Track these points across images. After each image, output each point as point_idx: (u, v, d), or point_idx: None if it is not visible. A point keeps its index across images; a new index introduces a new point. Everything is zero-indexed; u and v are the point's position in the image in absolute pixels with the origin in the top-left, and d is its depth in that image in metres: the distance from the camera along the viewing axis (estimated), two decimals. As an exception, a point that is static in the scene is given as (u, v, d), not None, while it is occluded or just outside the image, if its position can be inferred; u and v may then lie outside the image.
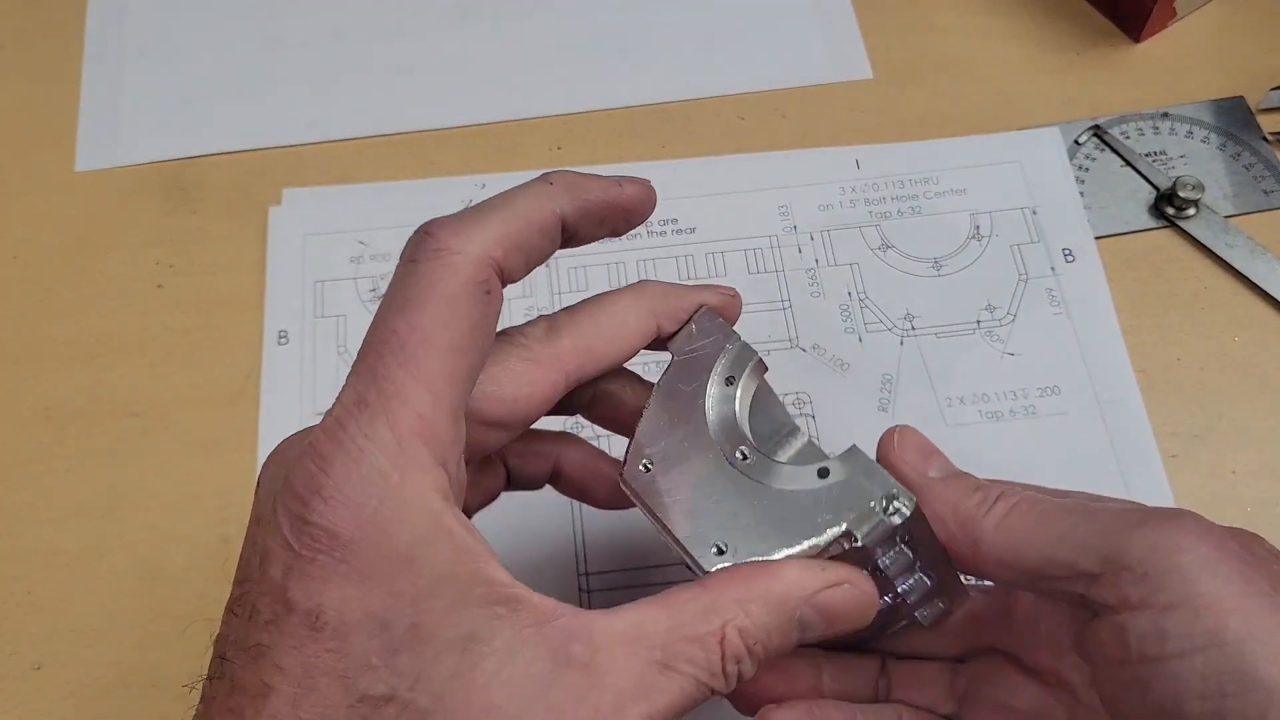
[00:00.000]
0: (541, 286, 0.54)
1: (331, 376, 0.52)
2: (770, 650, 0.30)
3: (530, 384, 0.32)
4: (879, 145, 0.58)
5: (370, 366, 0.28)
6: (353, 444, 0.27)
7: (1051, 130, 0.59)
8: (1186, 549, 0.30)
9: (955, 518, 0.33)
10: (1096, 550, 0.31)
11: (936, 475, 0.34)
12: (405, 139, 0.59)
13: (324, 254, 0.55)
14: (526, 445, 0.37)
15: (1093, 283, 0.54)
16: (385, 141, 0.59)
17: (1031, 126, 0.59)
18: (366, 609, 0.26)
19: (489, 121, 0.59)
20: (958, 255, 0.55)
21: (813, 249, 0.55)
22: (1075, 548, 0.31)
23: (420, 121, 0.59)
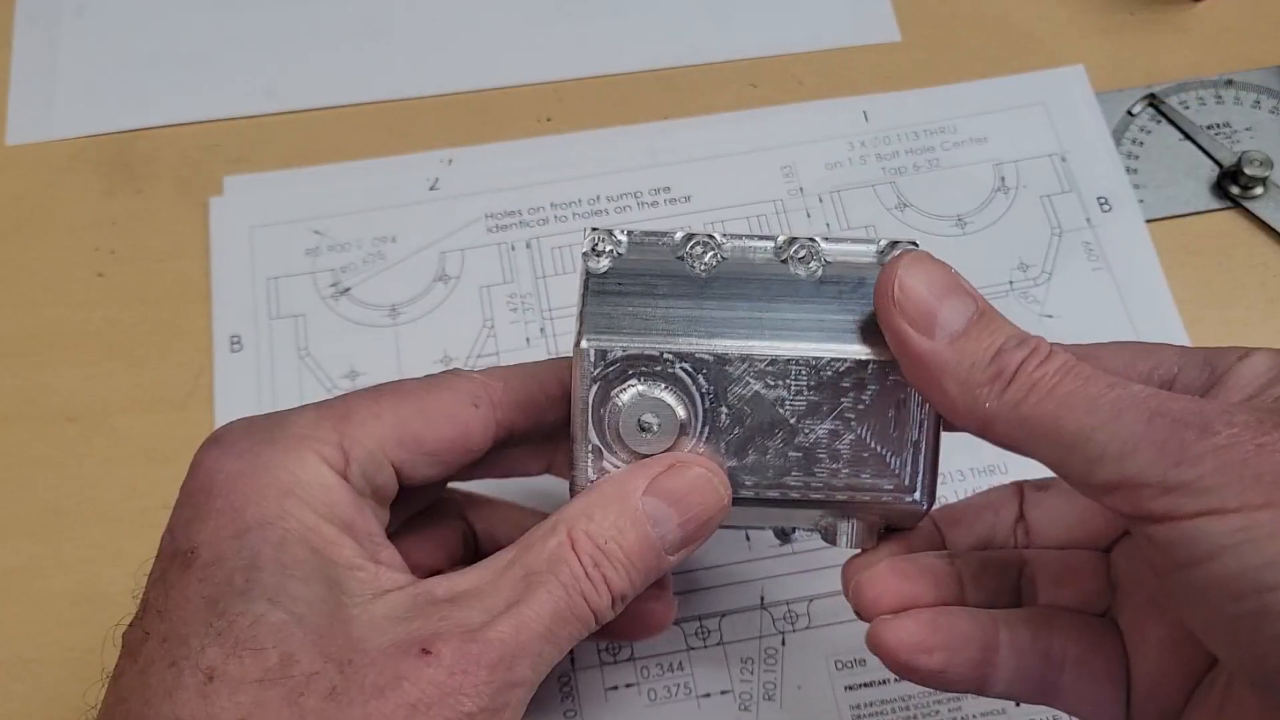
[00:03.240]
0: (524, 269, 0.53)
1: (293, 383, 0.51)
2: (630, 548, 0.33)
3: (467, 421, 0.36)
4: (888, 94, 0.58)
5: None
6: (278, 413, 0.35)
7: (1076, 68, 0.58)
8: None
9: (961, 398, 0.31)
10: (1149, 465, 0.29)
11: (943, 339, 0.32)
12: (375, 110, 0.58)
13: (274, 248, 0.54)
14: (493, 512, 0.42)
15: (1133, 233, 0.54)
16: (353, 113, 0.58)
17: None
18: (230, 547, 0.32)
19: (469, 90, 0.58)
20: (983, 211, 0.55)
21: (822, 212, 0.55)
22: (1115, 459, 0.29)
23: (391, 90, 0.58)
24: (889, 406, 0.35)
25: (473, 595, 0.32)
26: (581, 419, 0.34)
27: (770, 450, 0.35)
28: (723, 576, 0.47)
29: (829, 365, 0.34)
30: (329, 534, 0.33)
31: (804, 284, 0.35)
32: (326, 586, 0.32)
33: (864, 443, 0.35)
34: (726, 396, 0.34)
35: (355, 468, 0.34)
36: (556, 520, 0.34)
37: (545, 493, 0.45)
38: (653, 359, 0.34)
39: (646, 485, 0.34)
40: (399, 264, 0.54)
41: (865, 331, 0.34)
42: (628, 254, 0.35)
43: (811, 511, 0.36)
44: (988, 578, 0.37)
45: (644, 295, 0.35)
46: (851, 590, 0.36)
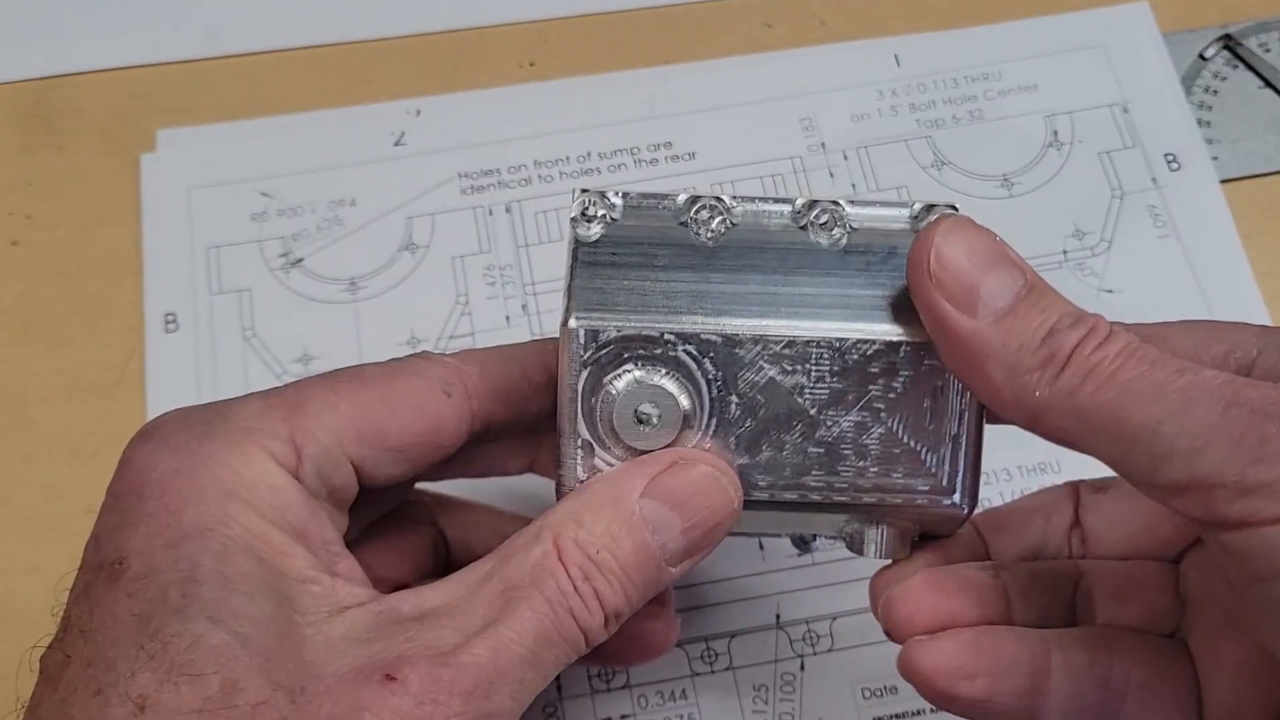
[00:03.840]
0: (503, 237, 0.53)
1: (237, 368, 0.51)
2: (626, 558, 0.33)
3: (437, 412, 0.36)
4: (923, 35, 0.58)
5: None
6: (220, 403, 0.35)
7: (1140, 5, 0.58)
8: None
9: (1008, 385, 0.31)
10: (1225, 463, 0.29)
11: (987, 317, 0.31)
12: (331, 53, 0.58)
13: (216, 212, 0.54)
14: (468, 517, 0.42)
15: (1206, 195, 0.54)
16: (305, 57, 0.58)
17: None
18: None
19: (440, 30, 0.58)
20: (1032, 170, 0.55)
21: (847, 171, 0.55)
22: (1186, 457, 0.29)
23: (350, 30, 0.58)
24: (924, 395, 0.34)
25: (444, 613, 0.32)
26: (570, 409, 0.34)
27: (787, 445, 0.35)
28: (732, 591, 0.47)
29: (855, 348, 0.34)
30: (278, 542, 0.33)
31: (826, 254, 0.35)
32: (275, 603, 0.32)
33: (895, 437, 0.35)
34: (737, 384, 0.34)
35: (308, 465, 0.34)
36: (541, 526, 0.33)
37: (528, 495, 0.45)
38: (652, 340, 0.34)
39: (644, 486, 0.34)
40: (359, 231, 0.54)
41: (897, 309, 0.34)
42: (623, 219, 0.35)
43: (835, 516, 0.36)
44: (1038, 592, 0.37)
45: (641, 267, 0.35)
46: (881, 607, 0.36)
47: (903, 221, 0.35)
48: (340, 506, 0.36)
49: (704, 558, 0.35)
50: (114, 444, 0.35)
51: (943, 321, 0.32)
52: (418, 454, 0.36)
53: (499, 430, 0.38)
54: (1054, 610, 0.37)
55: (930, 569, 0.36)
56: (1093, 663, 0.35)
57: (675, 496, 0.34)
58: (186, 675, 0.30)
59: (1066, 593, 0.37)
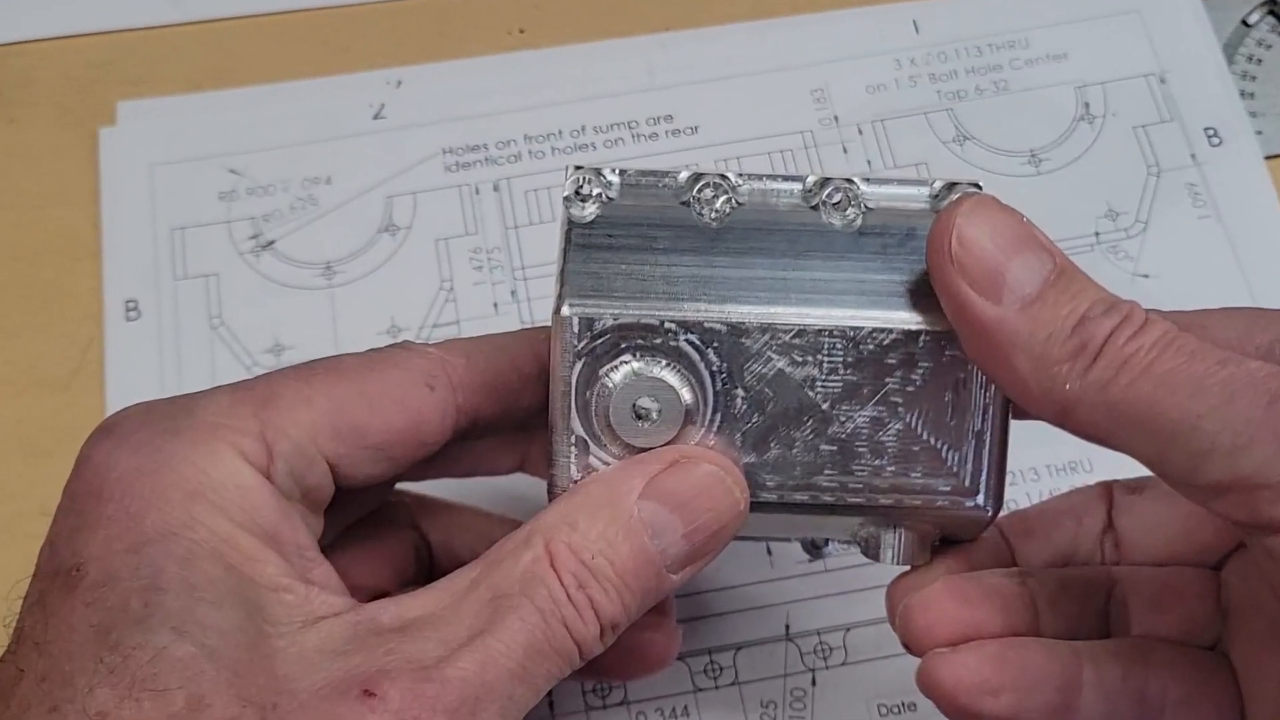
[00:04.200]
0: (491, 218, 0.53)
1: (204, 359, 0.51)
2: (623, 564, 0.33)
3: (419, 406, 0.36)
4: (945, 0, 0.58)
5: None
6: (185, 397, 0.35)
7: (1180, -32, 0.58)
8: None
9: (1035, 378, 0.31)
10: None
11: (1013, 304, 0.31)
12: (306, 19, 0.58)
13: (181, 190, 0.54)
14: (452, 519, 0.42)
15: (1249, 172, 0.54)
16: (277, 23, 0.58)
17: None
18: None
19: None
20: (1062, 145, 0.55)
21: (862, 147, 0.55)
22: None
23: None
24: (945, 388, 0.34)
25: (427, 623, 0.32)
26: (563, 404, 0.34)
27: (797, 443, 0.35)
28: (738, 600, 0.47)
29: (870, 337, 0.34)
30: (248, 547, 0.33)
31: (839, 236, 0.35)
32: (245, 612, 0.32)
33: (914, 433, 0.35)
34: (743, 376, 0.34)
35: (280, 464, 0.34)
36: (531, 530, 0.33)
37: (517, 496, 0.45)
38: (651, 329, 0.34)
39: (643, 486, 0.33)
40: (335, 211, 0.54)
41: (916, 295, 0.34)
42: (620, 198, 0.35)
43: (849, 519, 0.36)
44: (1068, 601, 0.37)
45: (640, 250, 0.34)
46: (899, 617, 0.36)
47: (922, 201, 0.35)
48: (315, 508, 0.36)
49: (707, 564, 0.35)
50: (70, 441, 0.34)
51: (965, 309, 0.32)
52: (398, 452, 0.36)
53: (486, 426, 0.38)
54: (1085, 620, 0.37)
55: (952, 576, 0.36)
56: (1127, 677, 0.35)
57: (676, 498, 0.34)
58: (149, 691, 0.30)
59: (1099, 602, 0.37)
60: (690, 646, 0.46)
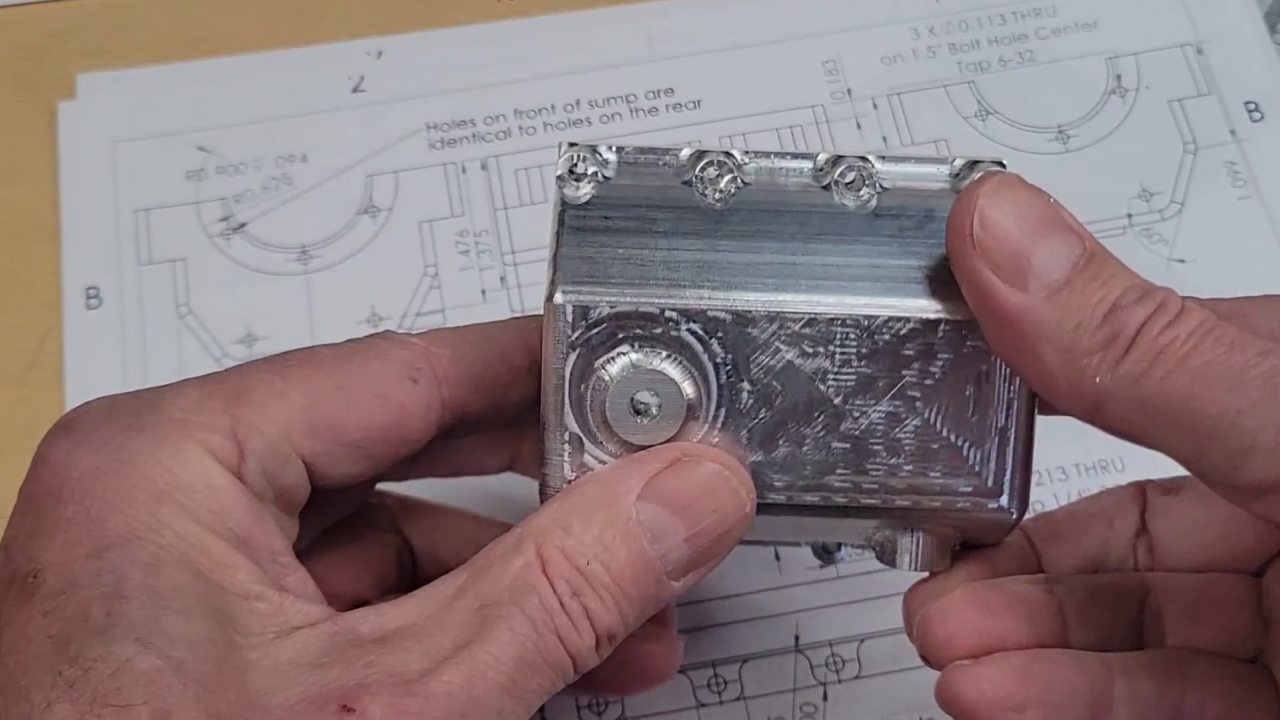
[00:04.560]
0: (478, 198, 0.53)
1: (170, 350, 0.51)
2: (621, 570, 0.33)
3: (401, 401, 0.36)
4: None
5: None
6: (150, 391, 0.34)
7: (1219, -70, 0.58)
8: None
9: (1063, 370, 0.31)
10: None
11: (1039, 291, 0.31)
12: (274, -13, 0.58)
13: (146, 169, 0.54)
14: (437, 523, 0.42)
15: (1294, 150, 0.54)
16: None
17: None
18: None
19: None
20: (1092, 120, 0.55)
21: (877, 122, 0.55)
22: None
23: None
24: (966, 382, 0.34)
25: (410, 633, 0.32)
26: (556, 398, 0.34)
27: (808, 440, 0.35)
28: (744, 609, 0.47)
29: (886, 326, 0.34)
30: (218, 552, 0.33)
31: (853, 218, 0.35)
32: (214, 622, 0.32)
33: (933, 430, 0.35)
34: (749, 368, 0.34)
35: (253, 463, 0.34)
36: (522, 534, 0.33)
37: (507, 497, 0.45)
38: (650, 318, 0.34)
39: (642, 487, 0.33)
40: (311, 191, 0.54)
41: (935, 282, 0.34)
42: (617, 178, 0.35)
43: (863, 522, 0.36)
44: (1098, 610, 0.37)
45: (639, 233, 0.34)
46: (917, 627, 0.36)
47: (941, 180, 0.35)
48: (289, 511, 0.36)
49: (711, 570, 0.35)
50: (27, 438, 0.34)
51: (988, 296, 0.32)
52: (379, 449, 0.36)
53: (473, 422, 0.38)
54: (1117, 631, 0.37)
55: (974, 583, 0.36)
56: (1162, 692, 0.35)
57: (678, 499, 0.33)
58: (111, 706, 0.30)
59: (1131, 611, 0.37)
60: (692, 659, 0.46)
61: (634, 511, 0.33)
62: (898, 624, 0.38)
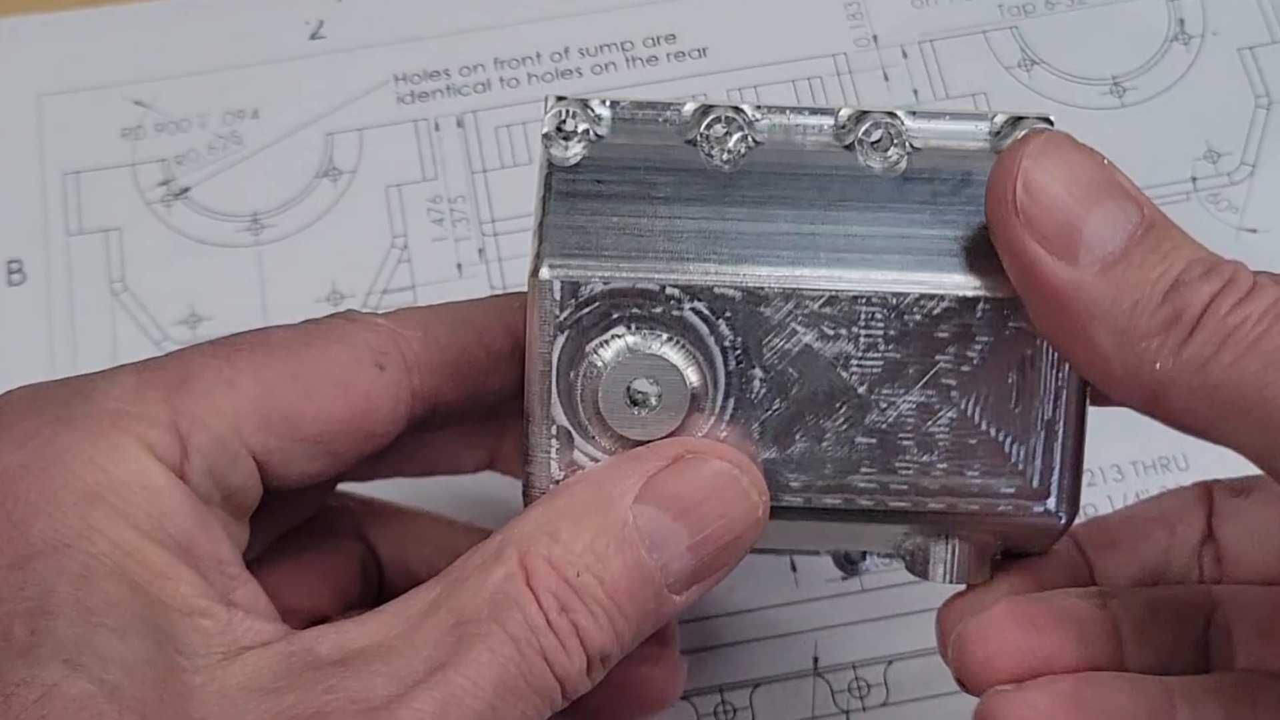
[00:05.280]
0: (454, 160, 0.54)
1: (103, 331, 0.51)
2: (615, 582, 0.33)
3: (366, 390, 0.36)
4: None
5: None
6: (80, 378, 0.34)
7: None
8: None
9: (1118, 355, 0.31)
10: None
11: (1091, 265, 0.31)
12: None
13: (75, 126, 0.54)
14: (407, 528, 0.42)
15: (1381, 105, 0.54)
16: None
17: None
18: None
19: None
20: (1151, 70, 0.55)
21: (907, 73, 0.55)
22: None
23: None
24: (1008, 368, 0.34)
25: (376, 654, 0.32)
26: (542, 387, 0.34)
27: (828, 434, 0.35)
28: (756, 627, 0.47)
29: (917, 305, 0.34)
30: (157, 562, 0.33)
31: (879, 182, 0.35)
32: (153, 641, 0.32)
33: (971, 423, 0.35)
34: (761, 353, 0.34)
35: (197, 461, 0.34)
36: (503, 541, 0.33)
37: (485, 499, 0.46)
38: (649, 295, 0.34)
39: (640, 487, 0.33)
40: (263, 152, 0.54)
41: (972, 254, 0.34)
42: (612, 137, 0.35)
43: (891, 528, 0.36)
44: (1158, 628, 0.37)
45: (636, 199, 0.34)
46: (953, 647, 0.36)
47: (980, 139, 0.35)
48: (239, 515, 0.36)
49: (718, 582, 0.35)
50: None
51: (1033, 271, 0.32)
52: (341, 445, 0.36)
53: (448, 414, 0.38)
54: (1179, 651, 0.37)
55: (1016, 597, 0.36)
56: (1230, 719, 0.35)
57: (680, 501, 0.33)
58: None
59: (1196, 628, 0.37)
60: (697, 683, 0.46)
61: (630, 515, 0.33)
62: (930, 644, 0.38)
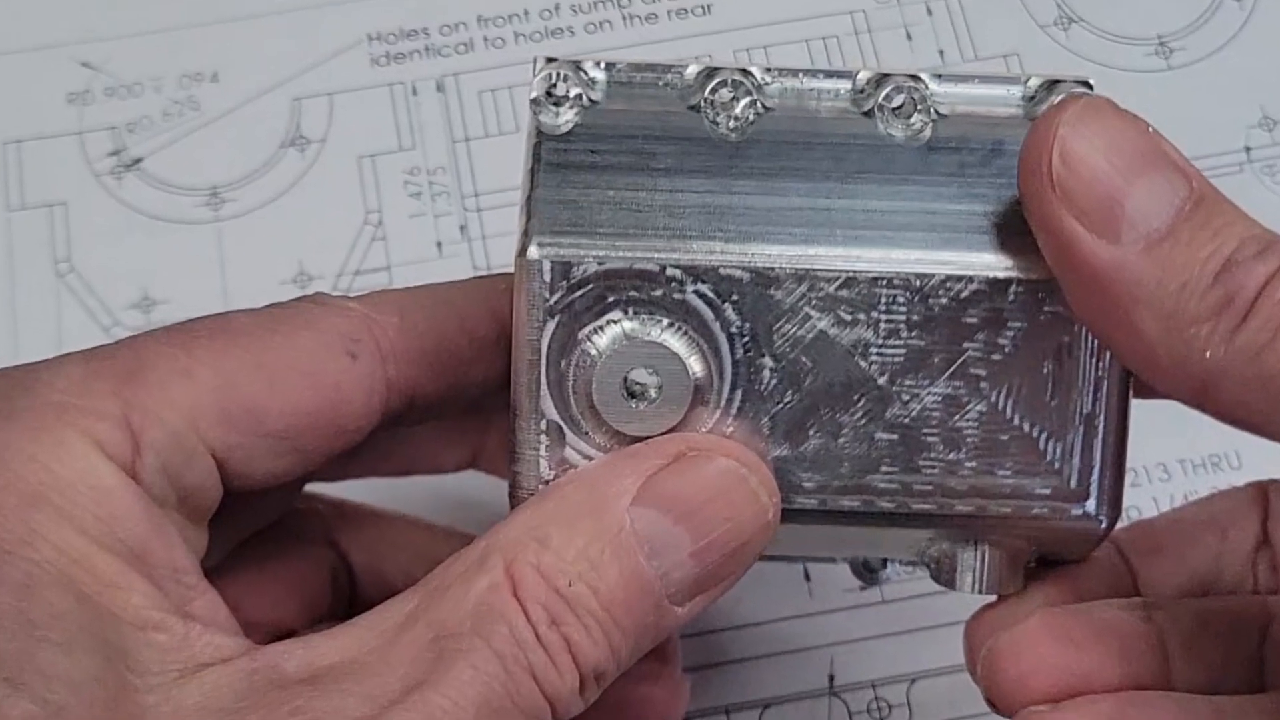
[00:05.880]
0: (433, 128, 0.54)
1: (47, 316, 0.51)
2: (611, 592, 0.33)
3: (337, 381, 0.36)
4: None
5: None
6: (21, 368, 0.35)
7: None
8: None
9: (1165, 342, 0.31)
10: None
11: (1135, 243, 0.31)
12: None
13: (16, 91, 0.54)
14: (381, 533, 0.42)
15: None
16: None
17: None
18: None
19: None
20: (1201, 29, 0.55)
21: (932, 32, 0.55)
22: None
23: None
24: (1043, 357, 0.34)
25: (348, 672, 0.32)
26: (530, 378, 0.34)
27: (846, 429, 0.35)
28: (767, 641, 0.47)
29: (943, 288, 0.34)
30: (106, 570, 0.33)
31: (902, 152, 0.35)
32: (103, 658, 0.32)
33: (1002, 417, 0.35)
34: (772, 340, 0.34)
35: (150, 458, 0.34)
36: (488, 547, 0.33)
37: (468, 501, 0.46)
38: (648, 277, 0.34)
39: (638, 488, 0.34)
40: (224, 119, 0.54)
41: (1004, 232, 0.34)
42: (607, 102, 0.35)
43: (914, 533, 0.36)
44: (1209, 643, 0.37)
45: (634, 170, 0.35)
46: (982, 664, 0.36)
47: (1012, 105, 0.35)
48: (197, 518, 0.36)
49: (724, 592, 0.35)
50: None
51: (1071, 249, 0.32)
52: (309, 441, 0.36)
53: (427, 408, 0.38)
54: (1231, 669, 0.37)
55: (1052, 609, 0.36)
56: None
57: (682, 503, 0.33)
58: None
59: (1250, 644, 0.37)
60: (701, 703, 0.47)
61: (627, 519, 0.33)
62: (958, 660, 0.38)
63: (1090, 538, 0.36)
